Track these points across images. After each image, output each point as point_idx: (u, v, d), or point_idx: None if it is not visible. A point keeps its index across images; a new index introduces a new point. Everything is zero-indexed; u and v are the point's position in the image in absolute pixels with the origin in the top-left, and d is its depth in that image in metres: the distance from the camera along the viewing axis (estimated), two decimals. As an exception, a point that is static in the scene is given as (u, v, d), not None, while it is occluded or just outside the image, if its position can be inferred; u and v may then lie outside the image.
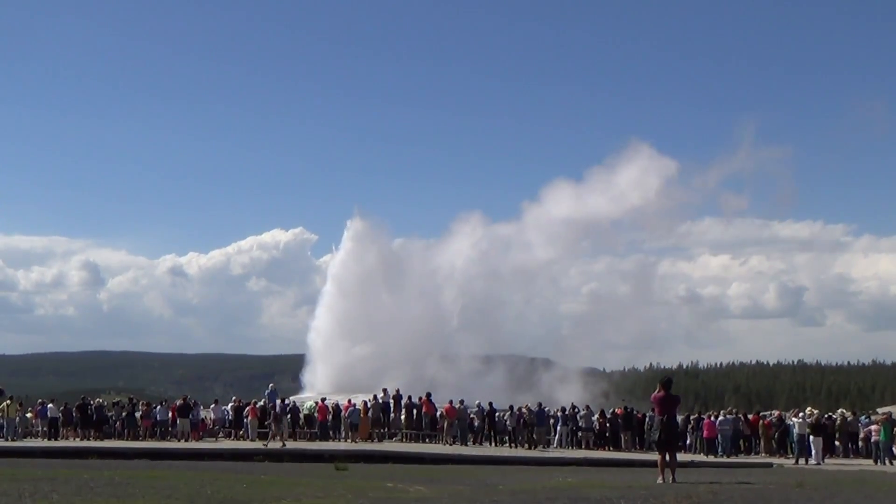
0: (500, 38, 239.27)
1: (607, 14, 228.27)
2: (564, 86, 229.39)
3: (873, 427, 24.28)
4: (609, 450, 26.58)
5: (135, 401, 29.50)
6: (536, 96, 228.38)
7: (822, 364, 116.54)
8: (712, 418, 26.55)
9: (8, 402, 26.60)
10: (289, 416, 27.63)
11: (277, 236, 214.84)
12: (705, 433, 25.85)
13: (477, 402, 28.79)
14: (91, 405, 28.01)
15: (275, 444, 23.76)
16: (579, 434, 27.56)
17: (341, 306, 48.85)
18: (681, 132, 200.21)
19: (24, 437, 26.78)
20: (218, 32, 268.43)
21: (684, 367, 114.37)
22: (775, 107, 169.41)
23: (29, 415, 28.42)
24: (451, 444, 26.19)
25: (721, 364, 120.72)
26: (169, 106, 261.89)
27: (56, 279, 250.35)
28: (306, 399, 34.66)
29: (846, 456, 25.35)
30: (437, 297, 50.47)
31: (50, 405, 27.78)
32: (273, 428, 24.98)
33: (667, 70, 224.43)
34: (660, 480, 12.47)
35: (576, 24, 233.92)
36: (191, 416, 26.95)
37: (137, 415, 27.48)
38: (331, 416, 27.60)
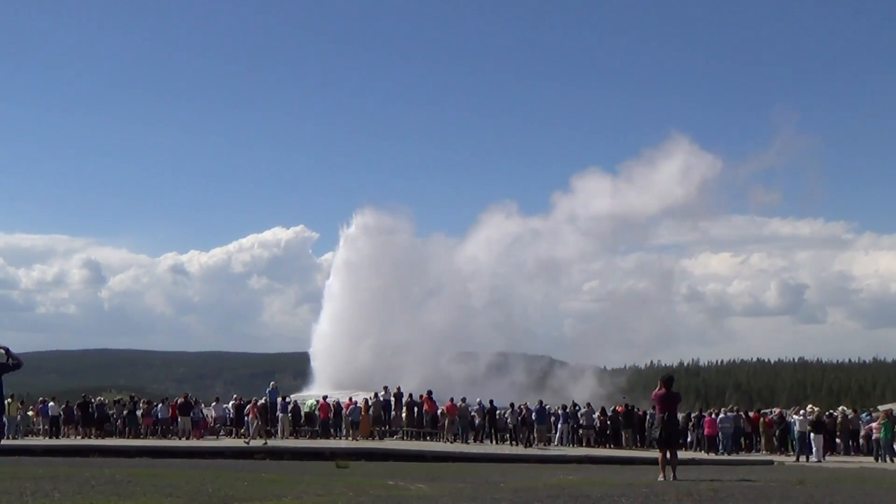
0: (520, 33, 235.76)
1: (634, 8, 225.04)
2: (584, 84, 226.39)
3: (874, 424, 24.28)
4: (610, 447, 26.60)
5: (136, 399, 29.55)
6: (560, 94, 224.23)
7: (823, 362, 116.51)
8: (713, 416, 26.55)
9: (9, 400, 26.62)
10: (290, 414, 27.74)
11: (279, 234, 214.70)
12: (706, 431, 25.85)
13: (478, 399, 28.80)
14: (92, 403, 28.04)
15: (257, 442, 23.77)
16: (580, 432, 27.57)
17: (349, 302, 48.54)
18: (684, 129, 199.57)
19: (26, 436, 26.82)
20: (218, 29, 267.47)
21: (685, 364, 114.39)
22: (775, 104, 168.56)
23: (30, 413, 28.46)
24: (452, 442, 26.21)
25: (722, 362, 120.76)
26: (169, 104, 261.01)
27: (57, 277, 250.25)
28: (308, 397, 34.63)
29: (847, 453, 25.38)
30: (460, 292, 50.47)
31: (51, 403, 27.83)
32: (254, 425, 25.09)
33: (668, 66, 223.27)
34: (661, 478, 12.48)
35: (604, 17, 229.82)
36: (192, 415, 26.97)
37: (138, 413, 27.53)
38: (332, 414, 27.62)
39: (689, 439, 26.64)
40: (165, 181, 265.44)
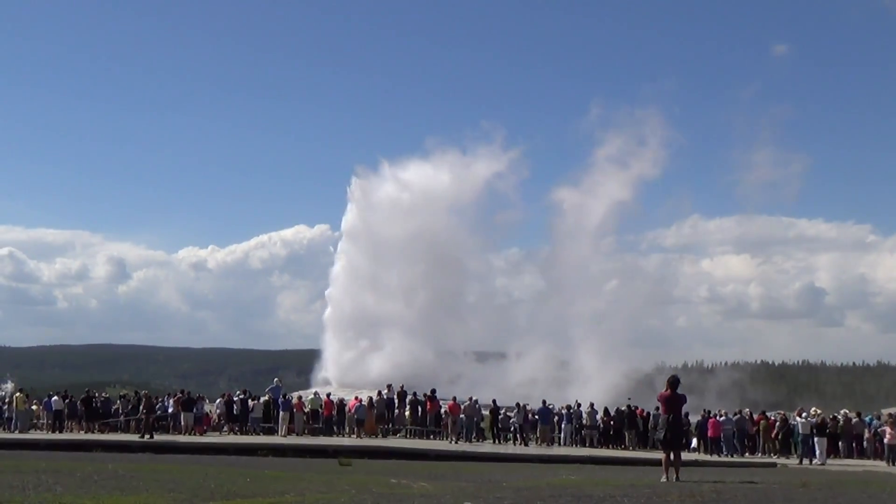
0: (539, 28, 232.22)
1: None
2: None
3: (888, 428, 23.55)
4: (613, 448, 26.57)
5: (141, 394, 29.56)
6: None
7: (828, 364, 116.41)
8: (717, 418, 26.51)
9: (17, 394, 26.82)
10: (293, 410, 27.71)
11: (301, 232, 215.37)
12: (710, 432, 25.83)
13: (479, 398, 28.78)
14: (96, 398, 28.10)
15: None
16: (584, 432, 27.54)
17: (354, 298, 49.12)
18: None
19: (29, 430, 26.90)
20: (243, 22, 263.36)
21: (689, 365, 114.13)
22: (801, 103, 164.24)
23: (34, 407, 28.54)
24: (455, 441, 26.19)
25: (727, 363, 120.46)
26: (191, 100, 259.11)
27: (77, 273, 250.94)
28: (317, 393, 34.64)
29: (849, 456, 25.29)
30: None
31: (55, 398, 27.90)
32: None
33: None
34: (664, 479, 12.44)
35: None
36: (195, 410, 26.98)
37: (141, 408, 27.52)
38: (335, 412, 27.62)
39: (692, 441, 26.59)
40: (186, 177, 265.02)
